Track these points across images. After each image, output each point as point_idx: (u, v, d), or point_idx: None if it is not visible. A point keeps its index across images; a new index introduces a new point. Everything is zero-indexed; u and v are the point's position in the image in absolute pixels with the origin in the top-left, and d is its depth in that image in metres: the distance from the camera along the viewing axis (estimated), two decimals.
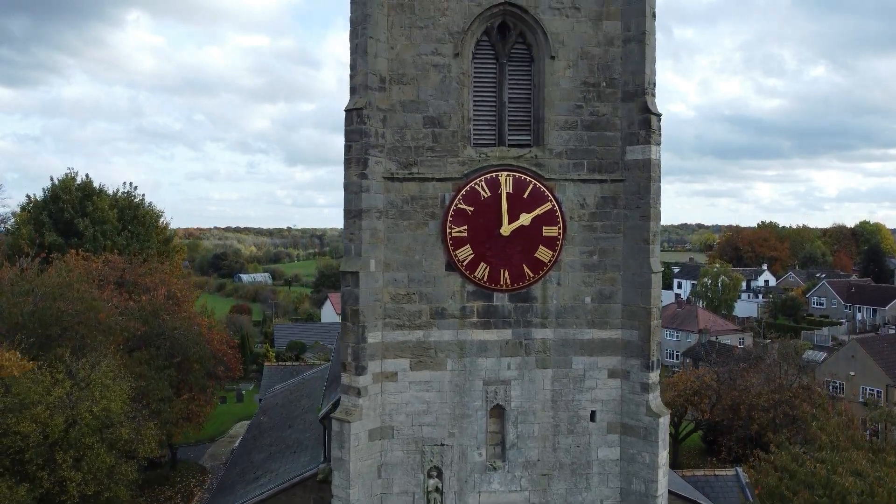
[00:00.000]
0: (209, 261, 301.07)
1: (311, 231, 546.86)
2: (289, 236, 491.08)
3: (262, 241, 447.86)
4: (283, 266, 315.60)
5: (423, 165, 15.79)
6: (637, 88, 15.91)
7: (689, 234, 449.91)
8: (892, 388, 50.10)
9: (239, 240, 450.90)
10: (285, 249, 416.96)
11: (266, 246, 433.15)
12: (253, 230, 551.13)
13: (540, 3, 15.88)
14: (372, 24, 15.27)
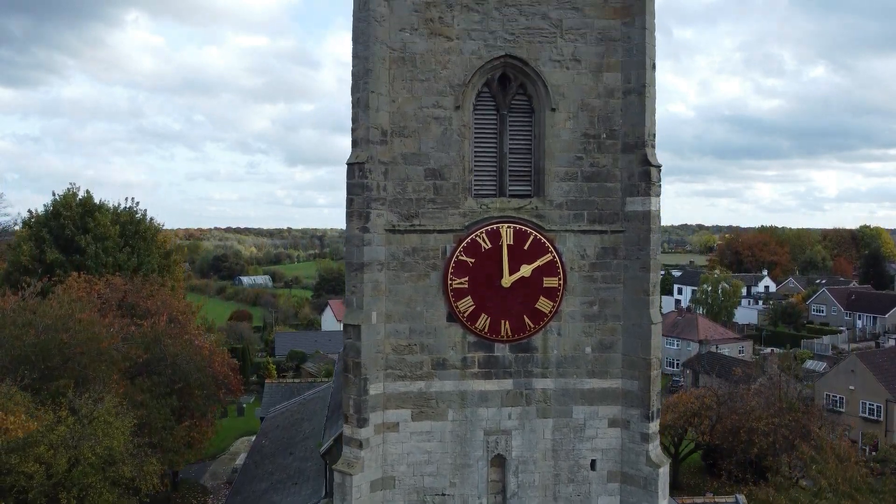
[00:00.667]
0: (209, 263, 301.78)
1: (312, 231, 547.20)
2: (289, 237, 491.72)
3: (263, 242, 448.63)
4: (283, 267, 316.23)
5: (424, 217, 15.88)
6: (637, 140, 16.01)
7: (689, 235, 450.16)
8: (891, 404, 50.23)
9: (239, 240, 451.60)
10: (286, 250, 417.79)
11: (266, 247, 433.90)
12: (253, 231, 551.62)
13: (540, 56, 15.98)
14: (374, 78, 15.37)
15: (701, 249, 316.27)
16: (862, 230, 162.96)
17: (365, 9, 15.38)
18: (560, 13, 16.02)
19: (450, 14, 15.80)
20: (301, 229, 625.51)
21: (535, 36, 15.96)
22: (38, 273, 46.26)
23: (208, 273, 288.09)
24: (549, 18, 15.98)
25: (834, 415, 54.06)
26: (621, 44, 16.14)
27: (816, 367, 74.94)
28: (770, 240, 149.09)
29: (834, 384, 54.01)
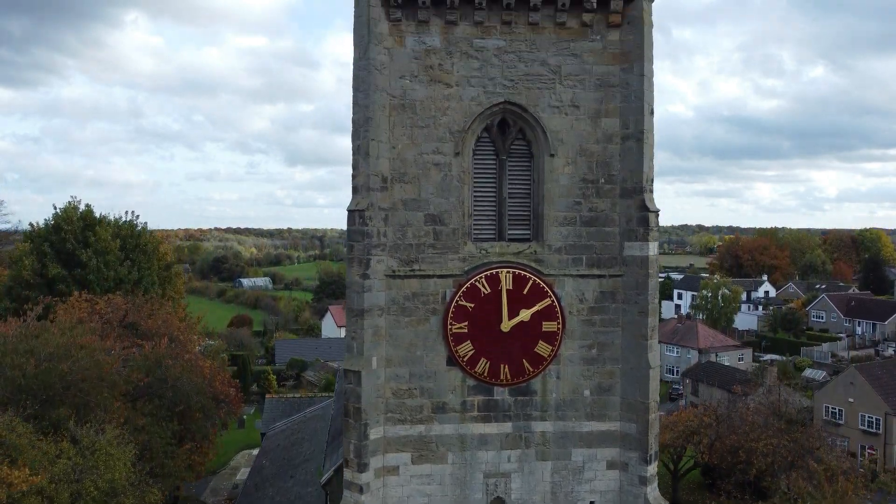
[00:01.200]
0: (210, 264, 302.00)
1: (312, 232, 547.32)
2: (289, 237, 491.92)
3: (263, 243, 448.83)
4: (283, 269, 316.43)
5: (424, 262, 16.00)
6: (635, 186, 16.13)
7: (690, 236, 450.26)
8: (891, 417, 50.33)
9: (239, 241, 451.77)
10: (286, 251, 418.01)
11: (266, 248, 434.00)
12: (253, 231, 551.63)
13: (539, 102, 16.10)
14: (374, 126, 15.49)
15: (701, 251, 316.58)
16: (862, 234, 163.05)
17: (365, 57, 15.50)
18: (559, 59, 16.13)
19: (449, 61, 15.92)
20: (301, 229, 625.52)
21: (535, 82, 16.08)
22: (40, 287, 46.42)
23: (208, 274, 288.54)
24: (548, 65, 16.10)
25: (833, 426, 54.21)
26: (620, 89, 16.26)
27: (815, 376, 75.11)
28: (770, 243, 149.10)
29: (833, 396, 54.09)
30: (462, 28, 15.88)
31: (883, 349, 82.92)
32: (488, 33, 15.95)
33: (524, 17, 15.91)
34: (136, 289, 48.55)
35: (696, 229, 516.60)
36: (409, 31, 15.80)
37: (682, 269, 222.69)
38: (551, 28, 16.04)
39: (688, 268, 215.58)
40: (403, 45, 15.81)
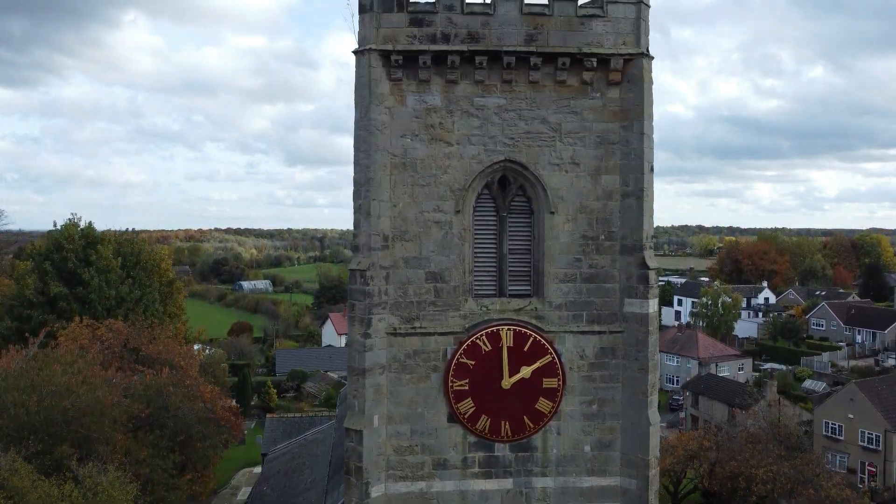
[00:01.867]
0: (210, 266, 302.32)
1: (312, 233, 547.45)
2: (289, 238, 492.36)
3: (263, 244, 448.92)
4: (283, 270, 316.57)
5: (425, 319, 16.07)
6: (635, 243, 16.20)
7: (690, 237, 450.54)
8: (890, 434, 50.41)
9: (239, 242, 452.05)
10: (286, 252, 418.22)
11: (267, 249, 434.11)
12: (253, 232, 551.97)
13: (540, 159, 16.16)
14: (375, 186, 15.57)
15: (701, 253, 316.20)
16: (862, 238, 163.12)
17: (366, 117, 15.57)
18: (559, 117, 16.20)
19: (450, 119, 15.98)
20: (301, 230, 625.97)
21: (535, 140, 16.14)
22: (41, 306, 46.54)
23: (208, 276, 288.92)
24: (548, 122, 16.17)
25: (833, 442, 54.33)
26: (619, 147, 16.32)
27: (815, 387, 75.25)
28: (770, 248, 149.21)
29: (833, 412, 54.19)
30: (463, 86, 15.94)
31: (883, 359, 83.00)
32: (489, 91, 16.01)
33: (524, 76, 15.97)
34: (137, 307, 48.72)
35: (696, 230, 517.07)
36: (410, 89, 15.86)
37: (683, 273, 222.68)
38: (551, 86, 16.10)
39: (688, 271, 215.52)
40: (404, 103, 15.87)
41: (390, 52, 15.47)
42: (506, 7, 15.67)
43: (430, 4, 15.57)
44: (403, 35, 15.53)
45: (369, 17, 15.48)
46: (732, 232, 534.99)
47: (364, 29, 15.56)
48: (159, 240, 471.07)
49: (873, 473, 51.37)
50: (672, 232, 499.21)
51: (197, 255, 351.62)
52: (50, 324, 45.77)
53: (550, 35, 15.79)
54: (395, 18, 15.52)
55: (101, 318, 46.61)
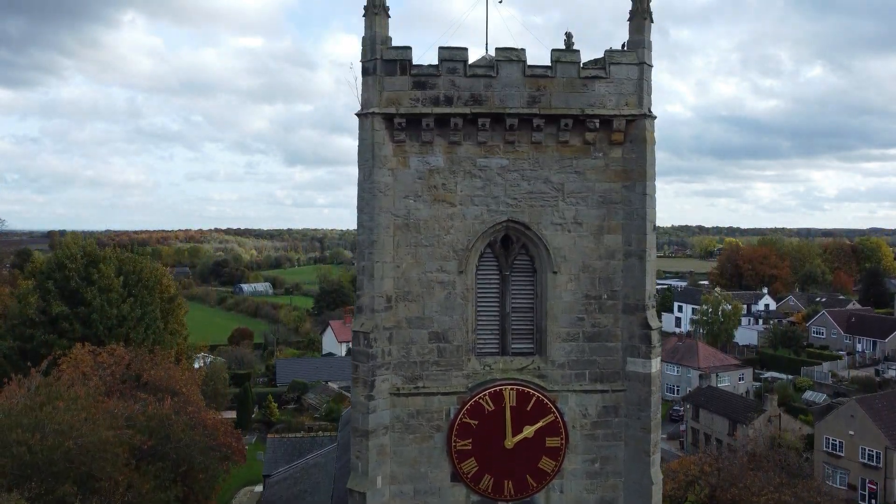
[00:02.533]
0: (210, 268, 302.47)
1: (312, 233, 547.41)
2: (289, 239, 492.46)
3: (263, 245, 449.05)
4: (283, 272, 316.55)
5: (428, 379, 16.12)
6: (638, 303, 16.24)
7: (690, 237, 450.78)
8: (891, 451, 50.45)
9: (239, 243, 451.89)
10: (286, 253, 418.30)
11: (267, 250, 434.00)
12: (253, 232, 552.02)
13: (542, 219, 16.21)
14: (378, 248, 15.61)
15: (701, 254, 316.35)
16: (862, 242, 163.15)
17: (370, 180, 15.62)
18: (562, 177, 16.24)
19: (453, 180, 16.03)
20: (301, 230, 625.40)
21: (538, 200, 16.18)
22: (44, 325, 46.58)
23: (209, 278, 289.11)
24: (550, 182, 16.21)
25: (834, 458, 54.39)
26: (622, 206, 16.37)
27: (816, 399, 75.27)
28: (770, 253, 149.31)
29: (833, 428, 54.23)
30: (465, 147, 15.99)
31: (883, 370, 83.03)
32: (492, 152, 16.05)
33: (527, 136, 16.02)
34: (139, 325, 48.78)
35: (696, 230, 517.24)
36: (413, 151, 15.90)
37: (683, 276, 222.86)
38: (554, 146, 16.15)
39: (688, 275, 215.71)
40: (407, 165, 15.92)
41: (394, 115, 15.51)
42: (508, 69, 15.71)
43: (433, 67, 15.61)
44: (407, 98, 15.57)
45: (372, 80, 15.52)
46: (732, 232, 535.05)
47: (367, 92, 15.60)
48: (159, 240, 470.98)
49: (874, 491, 51.43)
50: (672, 232, 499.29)
51: (197, 256, 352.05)
52: (52, 344, 45.84)
53: (553, 96, 15.84)
54: (398, 82, 15.56)
55: (104, 337, 46.76)
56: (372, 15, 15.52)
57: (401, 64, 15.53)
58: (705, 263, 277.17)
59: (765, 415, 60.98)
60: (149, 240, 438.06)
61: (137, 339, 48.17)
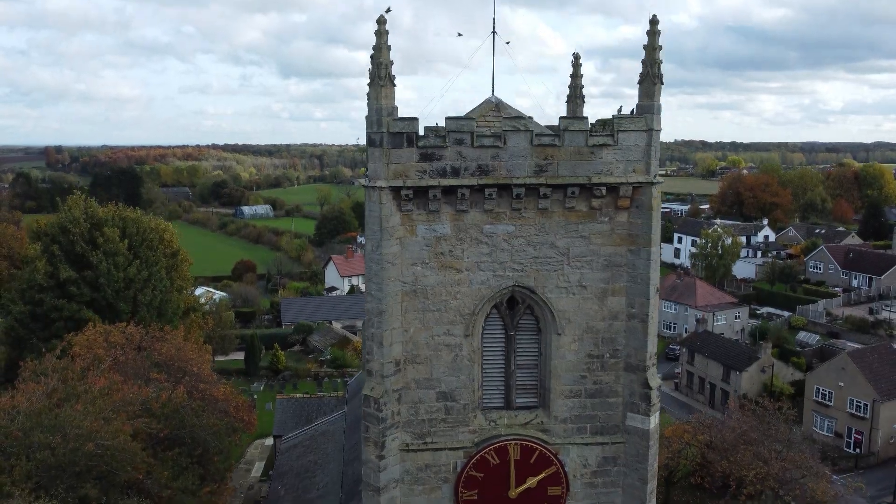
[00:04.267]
0: (210, 189, 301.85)
1: (311, 150, 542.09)
2: (287, 156, 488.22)
3: (262, 163, 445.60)
4: (283, 193, 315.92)
5: (436, 435, 16.84)
6: (640, 363, 16.76)
7: (692, 154, 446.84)
8: (878, 404, 52.26)
9: (238, 161, 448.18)
10: (285, 171, 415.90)
11: (266, 168, 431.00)
12: (251, 149, 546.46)
13: (548, 283, 16.49)
14: (387, 317, 15.96)
15: (703, 174, 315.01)
16: (864, 169, 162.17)
17: (378, 251, 15.80)
18: (567, 241, 16.41)
19: (459, 247, 16.21)
20: (300, 146, 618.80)
21: (543, 264, 16.42)
22: (52, 290, 47.33)
23: (209, 200, 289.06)
24: (556, 247, 16.40)
25: (823, 407, 56.36)
26: (626, 269, 16.62)
27: (809, 340, 77.13)
28: (772, 181, 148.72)
29: (825, 379, 55.92)
30: (472, 215, 16.09)
31: (877, 309, 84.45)
32: (498, 219, 16.16)
33: (534, 203, 16.09)
34: (146, 287, 49.54)
35: (699, 146, 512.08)
36: (421, 219, 16.01)
37: (684, 199, 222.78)
38: (560, 212, 16.24)
39: (689, 197, 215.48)
40: (415, 233, 16.06)
41: (401, 187, 15.54)
42: (516, 139, 15.62)
43: (439, 139, 15.51)
44: (414, 170, 15.56)
45: (379, 152, 15.46)
46: (735, 147, 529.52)
47: (374, 164, 15.56)
48: (156, 158, 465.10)
49: (859, 440, 53.59)
50: (674, 148, 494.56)
51: (196, 175, 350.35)
52: (62, 308, 46.75)
53: (560, 165, 15.81)
54: (405, 154, 15.49)
55: (112, 300, 47.62)
56: (377, 87, 15.29)
57: (407, 136, 15.42)
58: (707, 184, 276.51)
59: (758, 362, 62.72)
60: (146, 157, 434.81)
61: (145, 300, 49.11)
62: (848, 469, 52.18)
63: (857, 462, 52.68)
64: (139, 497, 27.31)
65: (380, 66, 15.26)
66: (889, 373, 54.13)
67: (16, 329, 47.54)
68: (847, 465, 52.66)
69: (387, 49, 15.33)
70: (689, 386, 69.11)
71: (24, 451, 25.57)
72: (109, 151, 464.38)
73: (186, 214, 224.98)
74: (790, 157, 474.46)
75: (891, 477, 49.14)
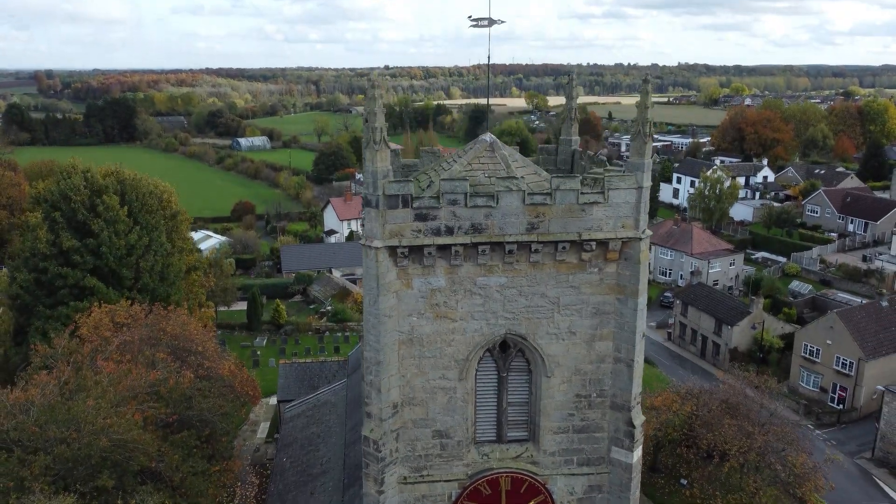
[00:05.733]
0: (205, 119, 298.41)
1: (307, 74, 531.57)
2: (283, 82, 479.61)
3: (258, 89, 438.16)
4: (280, 122, 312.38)
5: (432, 469, 17.92)
6: (625, 403, 17.66)
7: (696, 79, 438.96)
8: (863, 362, 53.87)
9: (233, 87, 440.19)
10: (281, 98, 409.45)
11: (262, 95, 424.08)
12: (246, 73, 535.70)
13: (538, 330, 17.20)
14: (385, 366, 16.74)
15: (706, 102, 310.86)
16: (868, 104, 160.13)
17: (375, 306, 16.42)
18: (558, 291, 17.02)
19: (454, 299, 16.83)
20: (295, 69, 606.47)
21: (534, 313, 17.08)
22: (56, 258, 47.99)
23: (204, 129, 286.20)
24: (547, 297, 17.02)
25: (810, 363, 58.06)
26: (614, 317, 17.29)
27: (801, 289, 78.45)
28: (774, 116, 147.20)
29: (813, 336, 57.36)
30: (466, 269, 16.64)
31: (871, 256, 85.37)
32: (491, 272, 16.72)
33: (525, 257, 16.61)
34: (148, 253, 50.22)
35: (703, 69, 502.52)
36: (416, 273, 16.57)
37: (685, 130, 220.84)
38: (551, 264, 16.78)
39: (690, 130, 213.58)
40: (411, 286, 16.65)
41: (397, 246, 16.02)
42: (508, 199, 16.00)
43: (433, 199, 15.89)
44: (409, 229, 16.01)
45: (375, 213, 15.86)
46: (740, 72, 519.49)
47: (370, 223, 15.99)
48: (149, 84, 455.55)
49: (843, 397, 55.49)
50: (677, 73, 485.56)
51: (190, 103, 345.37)
52: (66, 276, 47.51)
53: (551, 222, 16.25)
54: (400, 214, 15.91)
55: (115, 267, 48.39)
56: (373, 150, 15.56)
57: (402, 198, 15.79)
58: (710, 114, 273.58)
59: (749, 317, 64.14)
60: (139, 83, 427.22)
61: (147, 266, 49.85)
62: (831, 424, 54.35)
63: (840, 417, 54.72)
64: (153, 482, 28.88)
65: (374, 131, 15.49)
66: (876, 331, 55.53)
67: (21, 296, 48.40)
68: (830, 419, 54.76)
69: (381, 113, 15.52)
70: (681, 337, 70.80)
71: (41, 446, 26.88)
72: (101, 77, 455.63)
73: (183, 147, 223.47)
74: (795, 81, 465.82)
75: (870, 432, 51.22)
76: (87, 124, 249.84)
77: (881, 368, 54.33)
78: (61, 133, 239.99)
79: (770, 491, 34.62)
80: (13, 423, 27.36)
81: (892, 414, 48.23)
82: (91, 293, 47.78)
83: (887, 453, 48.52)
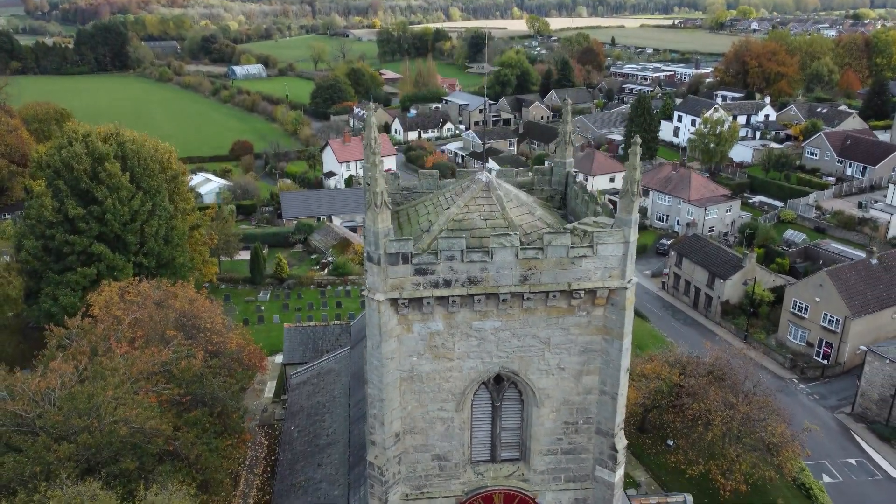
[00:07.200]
0: (199, 44, 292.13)
1: None
2: (277, 2, 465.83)
3: (251, 10, 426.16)
4: (275, 47, 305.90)
5: (431, 486, 19.58)
6: (609, 430, 19.14)
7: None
8: (849, 320, 55.64)
9: (226, 8, 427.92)
10: (276, 20, 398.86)
11: (256, 17, 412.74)
12: None
13: (530, 367, 18.50)
14: (387, 403, 18.12)
15: (712, 26, 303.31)
16: (876, 36, 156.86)
17: (378, 350, 17.65)
18: (549, 332, 18.21)
19: (451, 341, 18.04)
20: None
21: (526, 352, 18.33)
22: (62, 225, 49.01)
23: (199, 55, 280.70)
24: (538, 338, 18.22)
25: (798, 318, 59.87)
26: (600, 354, 18.54)
27: (796, 239, 79.60)
28: (779, 48, 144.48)
29: (803, 293, 58.89)
30: (462, 314, 17.77)
31: (867, 203, 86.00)
32: (486, 317, 17.86)
33: (518, 304, 17.72)
34: (151, 218, 51.23)
35: None
36: (416, 319, 17.71)
37: (689, 60, 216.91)
38: (543, 309, 17.90)
39: (694, 59, 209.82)
40: (411, 330, 17.83)
41: (398, 298, 17.10)
42: (502, 254, 16.97)
43: (432, 255, 16.85)
44: (409, 283, 17.04)
45: (377, 268, 16.86)
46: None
47: (373, 277, 17.01)
48: (140, 5, 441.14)
49: (828, 353, 57.55)
50: None
51: (183, 26, 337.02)
52: (73, 243, 48.59)
53: (543, 274, 17.27)
54: (400, 270, 16.90)
55: (120, 233, 49.50)
56: (374, 212, 16.40)
57: (402, 255, 16.76)
58: (715, 39, 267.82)
59: (742, 271, 65.54)
60: (129, 4, 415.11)
61: (151, 231, 50.94)
62: (815, 378, 56.60)
63: (824, 371, 56.92)
64: (171, 461, 30.88)
65: (376, 195, 16.30)
66: (864, 290, 57.04)
67: (30, 262, 49.65)
68: (814, 374, 56.98)
69: (382, 178, 16.29)
70: (675, 287, 72.43)
71: (64, 434, 28.68)
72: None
73: (178, 77, 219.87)
74: (804, 2, 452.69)
75: (852, 387, 53.50)
76: (78, 52, 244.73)
77: (866, 325, 56.13)
78: (52, 61, 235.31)
79: (749, 457, 36.83)
80: (38, 412, 29.04)
81: (872, 373, 50.28)
82: (98, 259, 49.07)
83: (866, 409, 50.84)
